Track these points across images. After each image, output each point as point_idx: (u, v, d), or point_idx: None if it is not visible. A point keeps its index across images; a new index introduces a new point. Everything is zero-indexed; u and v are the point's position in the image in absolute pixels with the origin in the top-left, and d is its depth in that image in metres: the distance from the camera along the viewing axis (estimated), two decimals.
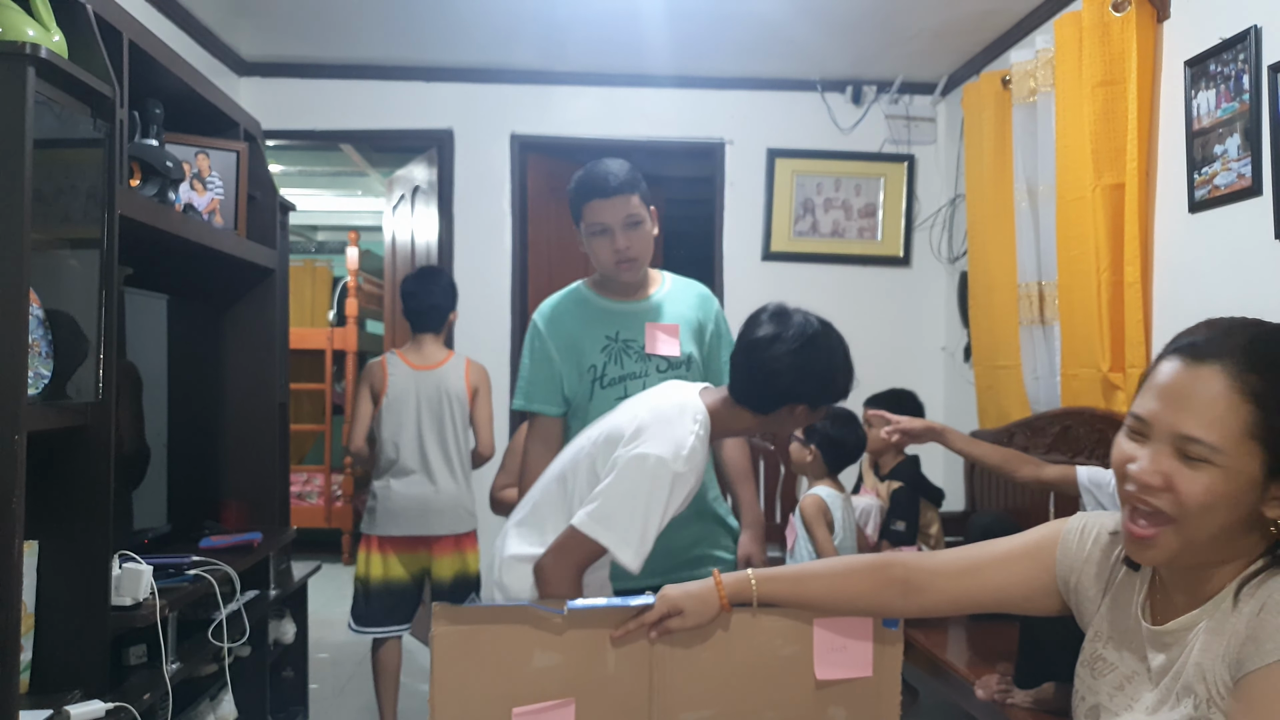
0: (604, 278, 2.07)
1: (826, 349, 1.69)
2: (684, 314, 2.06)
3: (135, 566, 1.97)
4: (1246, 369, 0.94)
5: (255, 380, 2.88)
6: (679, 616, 1.29)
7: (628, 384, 1.97)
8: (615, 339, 2.00)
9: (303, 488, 6.06)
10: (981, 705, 2.31)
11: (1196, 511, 0.96)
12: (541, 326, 2.05)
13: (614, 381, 1.98)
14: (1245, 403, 0.94)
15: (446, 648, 1.28)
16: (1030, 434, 3.24)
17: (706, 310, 2.12)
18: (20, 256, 1.62)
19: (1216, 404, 0.94)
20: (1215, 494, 0.94)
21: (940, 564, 1.26)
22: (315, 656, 3.07)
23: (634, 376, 1.98)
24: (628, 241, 1.96)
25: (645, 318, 2.03)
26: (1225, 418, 0.94)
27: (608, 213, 1.96)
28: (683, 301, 2.09)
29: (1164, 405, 0.98)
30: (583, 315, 2.04)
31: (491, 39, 3.72)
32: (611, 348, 2.00)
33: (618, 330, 2.01)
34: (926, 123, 4.19)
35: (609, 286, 2.07)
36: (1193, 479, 0.95)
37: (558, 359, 2.01)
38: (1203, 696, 0.96)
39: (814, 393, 1.67)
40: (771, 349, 1.63)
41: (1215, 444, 0.94)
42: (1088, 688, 1.12)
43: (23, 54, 1.63)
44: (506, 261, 4.09)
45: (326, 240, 8.50)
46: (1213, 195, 2.49)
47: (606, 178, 1.96)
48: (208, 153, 2.66)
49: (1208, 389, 0.95)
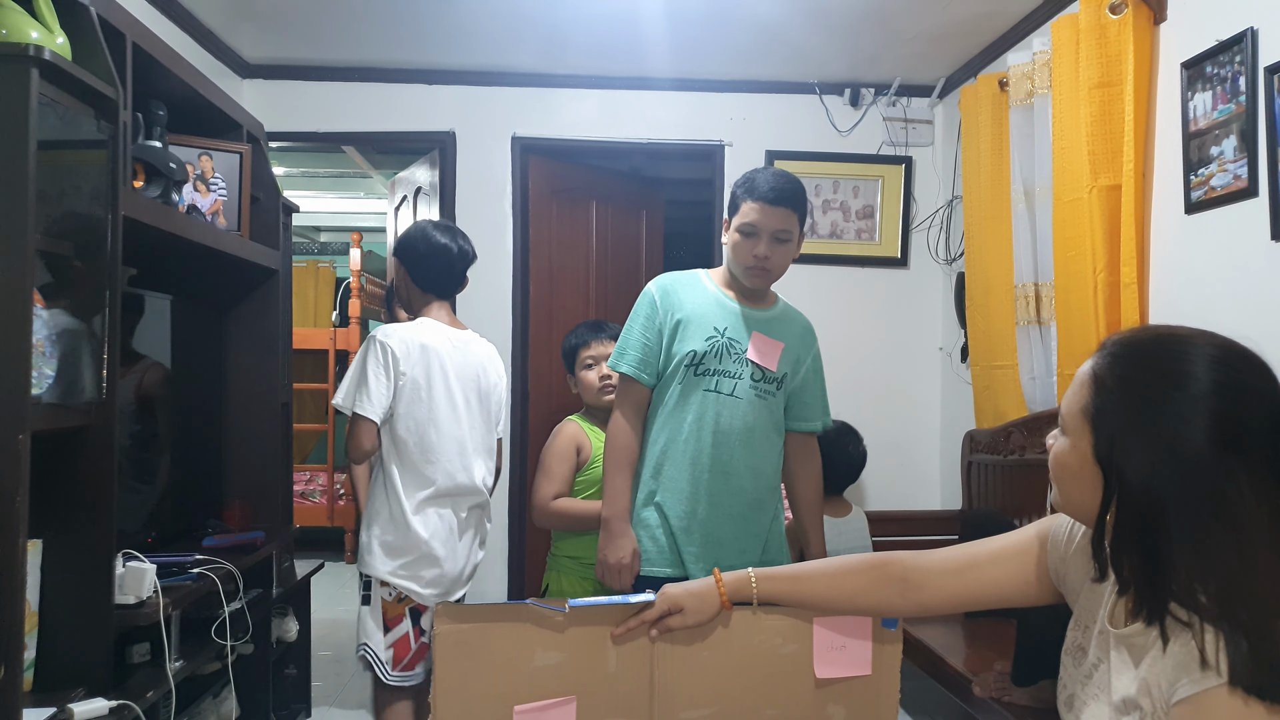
0: (729, 275, 2.12)
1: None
2: (789, 337, 2.13)
3: (139, 565, 1.98)
4: (1105, 354, 1.02)
5: (258, 380, 2.90)
6: (679, 614, 1.30)
7: (720, 379, 2.03)
8: (722, 334, 2.05)
9: (305, 487, 6.07)
10: (979, 703, 2.32)
11: (1057, 475, 1.07)
12: (657, 297, 2.10)
13: (708, 373, 2.03)
14: (1089, 383, 1.02)
15: (448, 646, 1.28)
16: (1027, 433, 3.26)
17: (808, 343, 2.19)
18: (24, 257, 1.63)
19: (1078, 382, 1.04)
20: (1061, 461, 1.05)
21: (938, 562, 1.27)
22: (318, 655, 3.08)
23: (728, 375, 2.04)
24: (770, 252, 2.02)
25: (756, 326, 2.08)
26: (1075, 394, 1.03)
27: (765, 218, 2.00)
28: (791, 326, 2.16)
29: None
30: (698, 300, 2.09)
31: (493, 42, 3.73)
32: (717, 341, 2.04)
33: (726, 327, 2.06)
34: (924, 125, 4.21)
35: (731, 285, 2.12)
36: (1056, 445, 1.07)
37: (664, 332, 2.07)
38: (1148, 711, 0.97)
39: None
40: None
41: (1064, 416, 1.05)
42: (1069, 676, 1.13)
43: (26, 56, 1.64)
44: (508, 263, 4.10)
45: (329, 241, 8.51)
46: (1209, 196, 2.50)
47: (779, 187, 2.01)
48: (211, 154, 2.67)
49: (1082, 370, 1.05)
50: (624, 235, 4.53)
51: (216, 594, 2.27)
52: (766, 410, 2.08)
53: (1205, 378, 0.94)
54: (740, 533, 2.05)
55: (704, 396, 2.03)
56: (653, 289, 2.12)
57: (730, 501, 2.04)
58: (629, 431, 2.08)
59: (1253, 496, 0.91)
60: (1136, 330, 1.05)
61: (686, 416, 2.04)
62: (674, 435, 2.05)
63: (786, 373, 2.11)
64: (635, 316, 2.12)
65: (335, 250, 8.26)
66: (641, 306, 2.12)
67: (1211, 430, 0.92)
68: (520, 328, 4.12)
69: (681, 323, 2.06)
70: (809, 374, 2.19)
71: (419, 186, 4.42)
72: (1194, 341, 0.97)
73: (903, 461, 4.20)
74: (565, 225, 4.28)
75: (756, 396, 2.06)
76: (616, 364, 2.11)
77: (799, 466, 2.22)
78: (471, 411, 2.41)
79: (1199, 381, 0.94)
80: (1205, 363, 0.95)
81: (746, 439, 2.04)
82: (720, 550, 2.02)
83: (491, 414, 2.49)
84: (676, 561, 2.03)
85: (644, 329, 2.09)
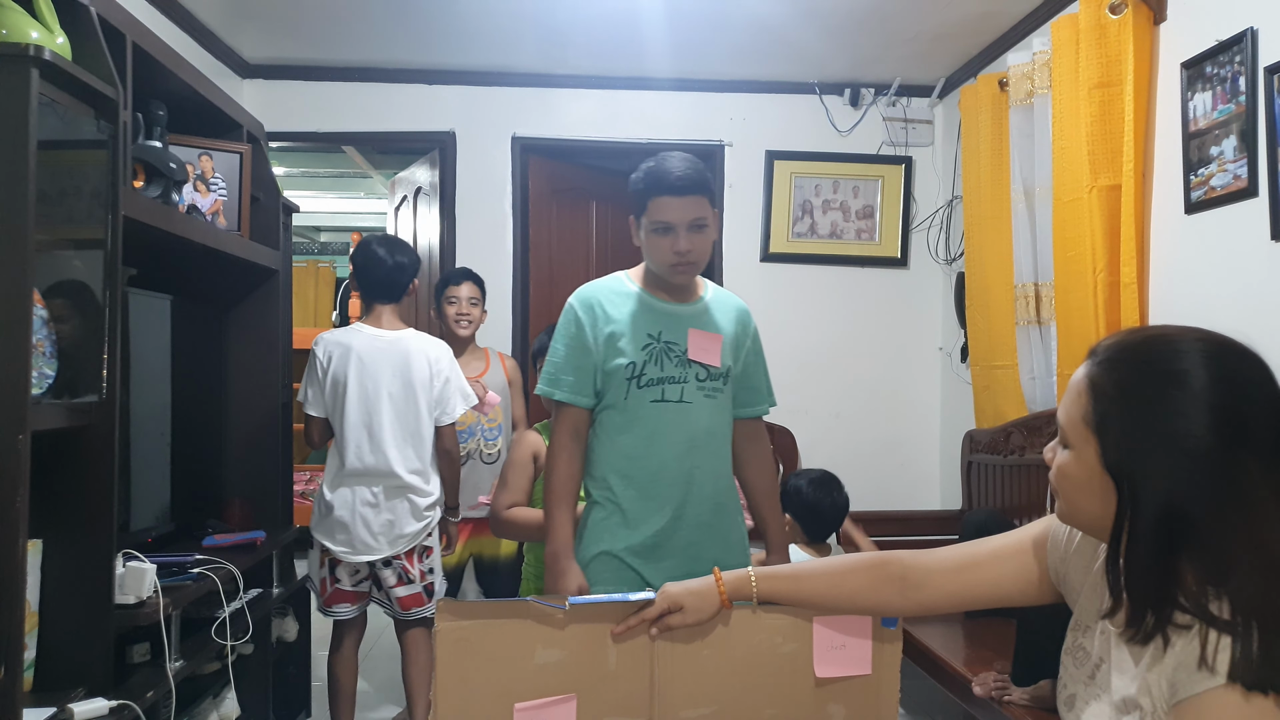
0: (651, 274, 1.97)
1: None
2: (725, 326, 1.98)
3: (139, 565, 1.98)
4: (1097, 361, 1.01)
5: (258, 380, 2.90)
6: (679, 613, 1.30)
7: (666, 387, 1.89)
8: (658, 339, 1.91)
9: (305, 486, 6.05)
10: (979, 702, 2.32)
11: (1064, 488, 1.05)
12: (581, 313, 1.93)
13: (652, 383, 1.89)
14: (1086, 392, 1.00)
15: (449, 643, 1.28)
16: (1027, 433, 3.26)
17: (745, 326, 2.04)
18: (24, 257, 1.63)
19: (1073, 392, 1.03)
20: (1068, 475, 1.03)
21: (937, 561, 1.27)
22: (318, 654, 3.07)
23: (673, 381, 1.90)
24: (690, 244, 1.87)
25: (689, 322, 1.94)
26: (1074, 404, 1.02)
27: (676, 211, 1.86)
28: (724, 313, 2.01)
29: (1063, 395, 1.07)
30: (625, 308, 1.93)
31: (493, 42, 3.74)
32: (653, 347, 1.90)
33: (661, 330, 1.91)
34: (924, 125, 4.21)
35: (655, 283, 1.96)
36: (1059, 459, 1.05)
37: (594, 349, 1.91)
38: (1148, 711, 0.97)
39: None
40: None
41: (1064, 427, 1.03)
42: (1069, 676, 1.13)
43: (26, 56, 1.64)
44: (508, 263, 4.10)
45: (329, 241, 8.53)
46: (1209, 196, 2.50)
47: (681, 175, 1.87)
48: (211, 154, 2.67)
49: (1075, 380, 1.03)
50: (624, 235, 4.48)
51: (216, 594, 2.27)
52: (718, 409, 1.95)
53: (1202, 374, 0.94)
54: (705, 538, 1.93)
55: (651, 409, 1.89)
56: (574, 304, 1.95)
57: (695, 510, 1.91)
58: (569, 460, 1.91)
59: (1264, 483, 0.92)
60: (1123, 334, 1.04)
61: (638, 433, 1.89)
62: (628, 455, 1.90)
63: (730, 365, 1.97)
64: (560, 337, 1.95)
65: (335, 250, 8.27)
66: (566, 325, 1.95)
67: (1216, 424, 0.93)
68: (520, 327, 4.13)
69: (613, 335, 1.90)
70: (750, 356, 2.04)
71: (419, 186, 4.43)
72: (1183, 339, 0.97)
73: (903, 461, 4.21)
74: (565, 225, 4.28)
75: (705, 397, 1.92)
76: (551, 392, 1.93)
77: (749, 453, 2.07)
78: (395, 402, 2.73)
79: (1196, 378, 0.94)
80: (1199, 359, 0.95)
81: (705, 444, 1.91)
82: (694, 564, 1.85)
83: (422, 404, 2.75)
84: (642, 585, 1.86)
85: (573, 350, 1.92)
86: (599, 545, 1.91)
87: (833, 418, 4.19)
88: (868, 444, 4.15)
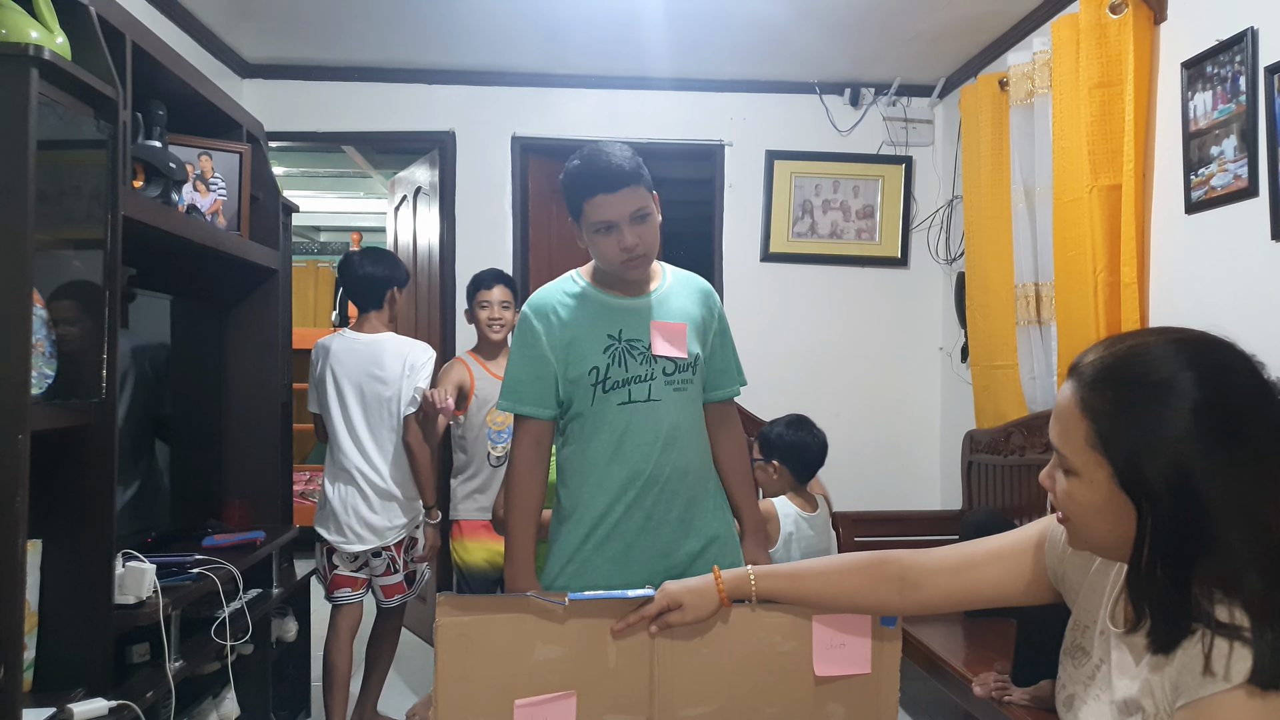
0: (603, 271, 1.89)
1: None
2: (689, 311, 1.90)
3: (138, 565, 1.98)
4: (1085, 384, 0.99)
5: (258, 380, 2.91)
6: (678, 611, 1.31)
7: (632, 387, 1.82)
8: (618, 339, 1.83)
9: (305, 486, 6.06)
10: (979, 702, 2.32)
11: (1076, 514, 1.02)
12: (535, 322, 1.86)
13: (618, 385, 1.82)
14: (1083, 416, 0.98)
15: (450, 638, 1.28)
16: (1027, 433, 3.26)
17: (710, 307, 1.96)
18: (24, 257, 1.63)
19: (1068, 418, 1.00)
20: (1080, 501, 1.00)
21: (937, 561, 1.27)
22: (317, 654, 3.08)
23: (639, 380, 1.82)
24: (636, 238, 1.78)
25: (650, 315, 1.85)
26: (1072, 430, 0.99)
27: (614, 208, 1.77)
28: (686, 297, 1.92)
29: (1052, 420, 1.04)
30: (581, 312, 1.86)
31: (493, 42, 3.74)
32: (615, 348, 1.83)
33: (621, 329, 1.83)
34: (924, 125, 4.21)
35: (608, 280, 1.89)
36: (1065, 486, 1.01)
37: (552, 359, 1.84)
38: (1150, 713, 0.97)
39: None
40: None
41: (1067, 454, 1.00)
42: (1069, 676, 1.13)
43: (26, 55, 1.64)
44: (508, 263, 4.10)
45: (329, 241, 8.53)
46: (1209, 196, 2.50)
47: (611, 170, 1.76)
48: (211, 154, 2.67)
49: (1066, 405, 1.01)
50: None
51: (216, 594, 2.27)
52: (688, 402, 1.88)
53: (1187, 375, 0.94)
54: (681, 535, 1.87)
55: (618, 412, 1.82)
56: (528, 313, 1.88)
57: (665, 508, 1.84)
58: (530, 473, 1.85)
59: (1266, 476, 0.92)
60: (1102, 351, 1.01)
61: (606, 437, 1.82)
62: (599, 461, 1.83)
63: (698, 352, 1.89)
64: (516, 348, 1.88)
65: (335, 250, 8.27)
66: (522, 336, 1.88)
67: (1214, 423, 0.93)
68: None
69: (572, 341, 1.83)
70: (717, 338, 1.96)
71: (419, 186, 4.42)
72: (1160, 345, 0.97)
73: (903, 461, 4.21)
74: (565, 225, 4.25)
75: (674, 391, 1.84)
76: (514, 407, 1.86)
77: (719, 437, 1.99)
78: (365, 401, 2.90)
79: (1184, 381, 0.94)
80: (1180, 362, 0.95)
81: (676, 441, 1.84)
82: (666, 560, 1.83)
83: (394, 402, 2.90)
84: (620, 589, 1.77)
85: (530, 361, 1.85)
86: (570, 554, 1.85)
87: (833, 417, 4.17)
88: (868, 444, 4.15)
